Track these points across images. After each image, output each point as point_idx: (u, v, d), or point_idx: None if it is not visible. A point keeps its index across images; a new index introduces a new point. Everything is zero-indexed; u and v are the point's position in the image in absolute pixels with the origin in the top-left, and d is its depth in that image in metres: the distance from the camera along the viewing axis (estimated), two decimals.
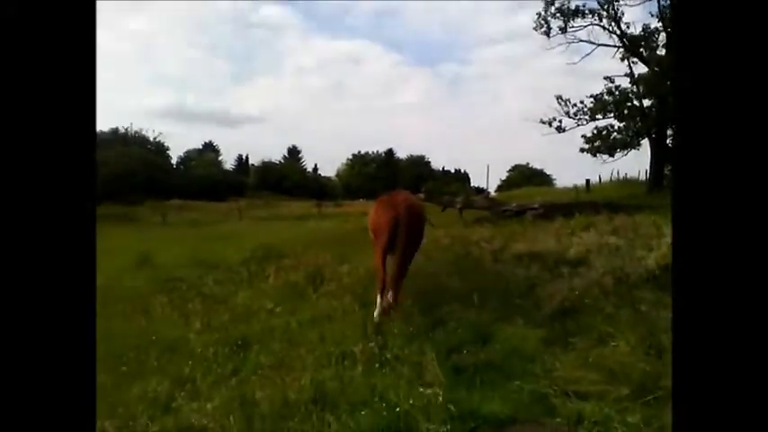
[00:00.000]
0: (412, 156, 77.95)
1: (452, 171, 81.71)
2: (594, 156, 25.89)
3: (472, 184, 65.08)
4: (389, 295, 5.79)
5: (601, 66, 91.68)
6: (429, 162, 78.55)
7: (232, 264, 12.05)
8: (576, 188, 29.45)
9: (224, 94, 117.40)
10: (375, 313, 5.84)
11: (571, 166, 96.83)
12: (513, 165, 72.66)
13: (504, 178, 69.12)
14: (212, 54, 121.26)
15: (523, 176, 65.02)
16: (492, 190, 44.92)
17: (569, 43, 26.37)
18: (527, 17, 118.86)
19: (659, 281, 5.65)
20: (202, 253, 14.18)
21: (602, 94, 25.79)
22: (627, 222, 10.40)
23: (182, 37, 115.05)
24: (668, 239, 6.97)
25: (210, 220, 31.52)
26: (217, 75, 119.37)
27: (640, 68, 25.21)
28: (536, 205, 17.39)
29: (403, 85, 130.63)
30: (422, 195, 19.35)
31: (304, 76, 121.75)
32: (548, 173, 68.11)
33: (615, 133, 25.62)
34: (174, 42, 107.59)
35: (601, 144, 25.48)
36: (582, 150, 25.90)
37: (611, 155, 25.66)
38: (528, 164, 71.85)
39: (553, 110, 25.64)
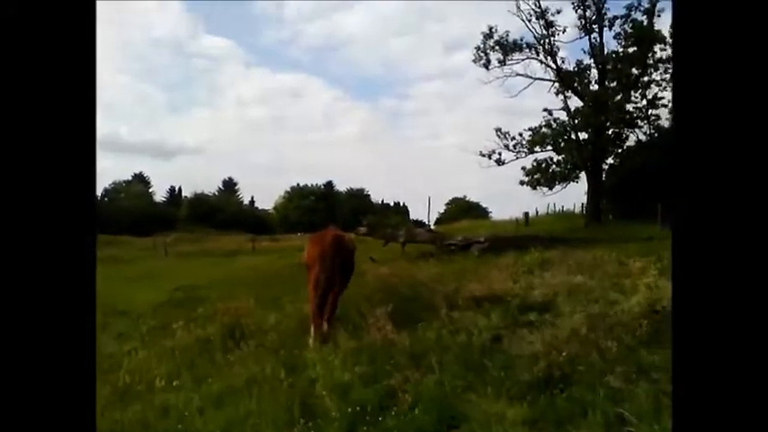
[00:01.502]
0: (351, 189, 77.07)
1: (392, 204, 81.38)
2: (534, 188, 25.83)
3: (411, 217, 64.74)
4: (324, 326, 6.16)
5: (533, 103, 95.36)
6: (369, 195, 77.94)
7: (143, 310, 10.30)
8: (516, 221, 29.21)
9: (159, 124, 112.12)
10: (309, 341, 6.09)
11: (505, 199, 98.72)
12: (450, 198, 72.90)
13: (442, 211, 69.00)
14: (148, 83, 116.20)
15: (461, 210, 65.04)
16: (431, 223, 44.39)
17: (506, 77, 26.54)
18: (462, 56, 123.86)
19: (657, 334, 4.62)
20: (113, 296, 12.23)
21: (540, 126, 25.92)
22: (585, 258, 9.59)
23: (114, 65, 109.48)
24: (646, 280, 6.05)
25: (132, 256, 28.65)
26: (152, 104, 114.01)
27: (575, 103, 25.55)
28: (482, 239, 16.56)
29: (343, 119, 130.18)
30: (363, 229, 18.12)
31: (243, 107, 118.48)
32: (483, 206, 68.93)
33: (554, 166, 25.67)
34: (106, 70, 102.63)
35: (540, 176, 25.41)
36: (522, 183, 25.81)
37: (551, 188, 25.63)
38: (465, 197, 72.36)
39: (492, 143, 25.53)
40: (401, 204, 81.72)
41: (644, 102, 24.61)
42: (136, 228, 46.90)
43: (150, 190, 67.25)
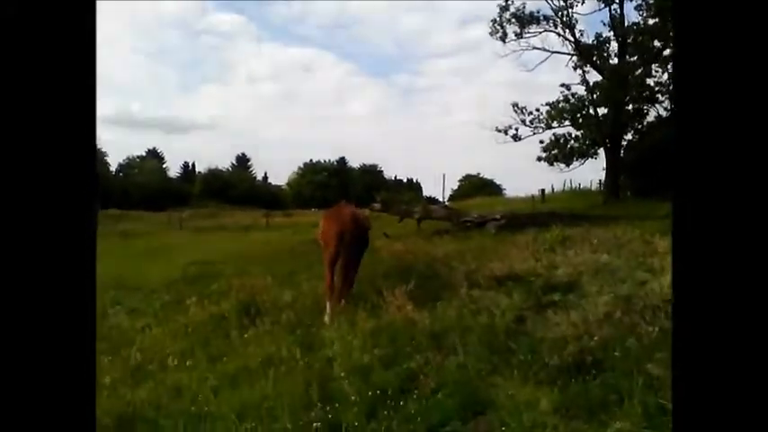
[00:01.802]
0: (364, 165, 76.61)
1: (405, 180, 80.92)
2: (551, 164, 25.37)
3: (424, 194, 64.26)
4: (340, 303, 6.17)
5: (549, 78, 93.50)
6: (381, 171, 77.47)
7: (156, 286, 10.22)
8: (533, 198, 28.77)
9: (171, 101, 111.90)
10: (326, 318, 6.09)
11: (519, 176, 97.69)
12: (464, 175, 72.07)
13: (455, 188, 68.32)
14: (159, 61, 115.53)
15: (474, 186, 64.29)
16: (445, 200, 43.94)
17: (523, 50, 25.82)
18: (477, 31, 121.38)
19: None
20: (127, 270, 12.24)
21: (558, 101, 25.30)
22: (607, 236, 9.28)
23: (127, 43, 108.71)
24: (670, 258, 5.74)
25: (147, 231, 28.76)
26: (164, 81, 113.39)
27: (593, 77, 24.84)
28: (498, 216, 16.23)
29: (355, 95, 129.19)
30: (378, 205, 17.86)
31: (255, 83, 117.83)
32: (497, 183, 68.21)
33: (572, 141, 25.12)
34: (120, 48, 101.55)
35: (558, 152, 24.90)
36: (539, 159, 25.29)
37: (568, 164, 25.14)
38: (479, 174, 71.54)
39: (509, 118, 25.01)
40: (414, 181, 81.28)
41: (665, 76, 23.80)
42: (150, 203, 47.18)
43: (164, 166, 67.42)
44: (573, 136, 25.08)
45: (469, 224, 16.33)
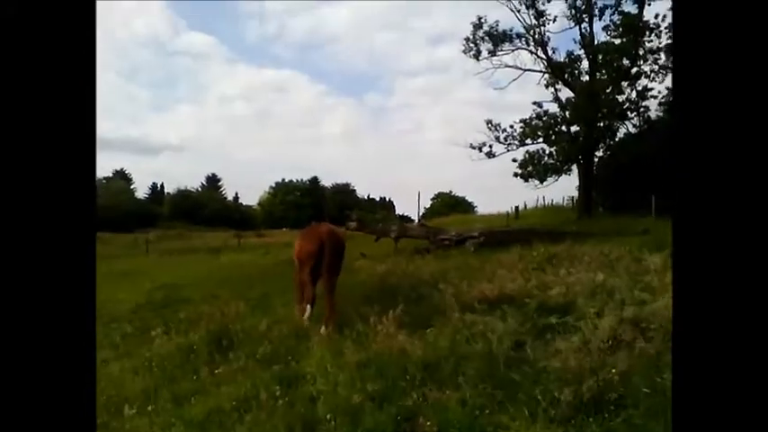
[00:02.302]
0: (336, 184, 76.17)
1: (377, 199, 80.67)
2: (526, 180, 25.39)
3: (397, 212, 64.03)
4: (321, 329, 6.07)
5: (518, 98, 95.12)
6: (354, 190, 77.17)
7: (119, 313, 9.45)
8: (507, 215, 28.75)
9: (143, 121, 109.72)
10: (305, 316, 6.61)
11: (491, 194, 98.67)
12: (435, 193, 72.13)
13: (427, 206, 68.28)
14: (131, 80, 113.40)
15: (446, 205, 64.41)
16: (419, 218, 43.58)
17: (495, 68, 26.05)
18: (446, 50, 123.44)
19: None
20: None
21: (531, 118, 25.49)
22: (594, 253, 9.02)
23: (98, 61, 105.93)
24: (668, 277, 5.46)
25: (111, 253, 27.44)
26: (135, 102, 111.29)
27: (563, 95, 25.19)
28: (476, 233, 15.96)
29: (328, 115, 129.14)
30: (353, 224, 17.35)
31: (227, 104, 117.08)
32: (469, 200, 68.54)
33: (546, 158, 25.22)
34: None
35: (533, 169, 24.94)
36: (515, 175, 25.30)
37: (543, 180, 25.16)
38: (451, 191, 71.76)
39: (483, 135, 25.10)
40: (387, 200, 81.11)
41: (634, 93, 24.25)
42: (116, 224, 45.54)
43: (132, 186, 65.62)
44: (547, 152, 25.15)
45: (448, 242, 15.99)
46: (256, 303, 8.53)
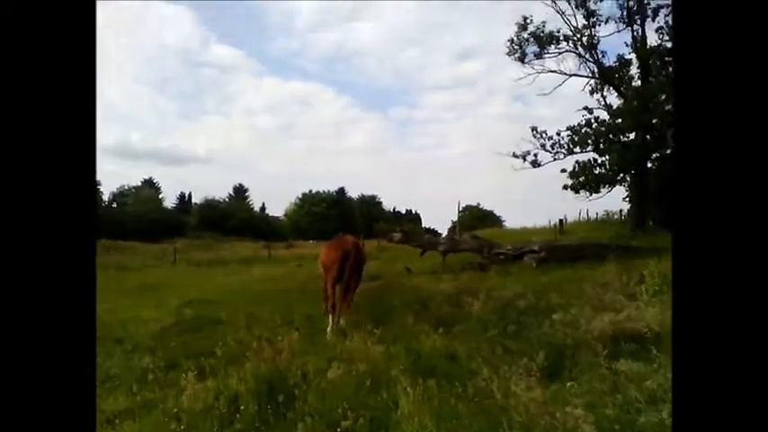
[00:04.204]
0: (363, 195, 74.95)
1: (403, 212, 79.14)
2: (577, 192, 23.51)
3: (423, 225, 62.31)
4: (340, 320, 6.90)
5: (541, 113, 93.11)
6: (380, 202, 75.86)
7: (143, 337, 8.09)
8: (554, 228, 26.93)
9: (170, 132, 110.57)
10: (328, 330, 6.85)
11: (514, 207, 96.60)
12: (463, 206, 70.14)
13: (454, 219, 66.35)
14: (160, 92, 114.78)
15: (475, 218, 62.51)
16: (444, 231, 41.80)
17: (538, 73, 24.46)
18: (472, 65, 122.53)
19: None
20: (110, 313, 10.10)
21: (580, 125, 23.72)
22: None
23: (128, 73, 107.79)
24: None
25: (139, 264, 26.40)
26: (164, 113, 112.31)
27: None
28: (536, 247, 14.26)
29: (353, 128, 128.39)
30: (398, 236, 15.80)
31: (254, 116, 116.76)
32: (497, 214, 66.63)
33: (598, 168, 23.38)
34: (120, 78, 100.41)
35: (584, 179, 23.09)
36: (565, 187, 23.46)
37: (597, 191, 23.28)
38: (479, 204, 69.84)
39: (527, 143, 23.47)
40: (413, 212, 79.50)
41: None
42: (143, 234, 44.95)
43: (160, 196, 65.36)
44: (598, 162, 23.32)
45: (503, 257, 14.37)
46: (304, 328, 7.10)
